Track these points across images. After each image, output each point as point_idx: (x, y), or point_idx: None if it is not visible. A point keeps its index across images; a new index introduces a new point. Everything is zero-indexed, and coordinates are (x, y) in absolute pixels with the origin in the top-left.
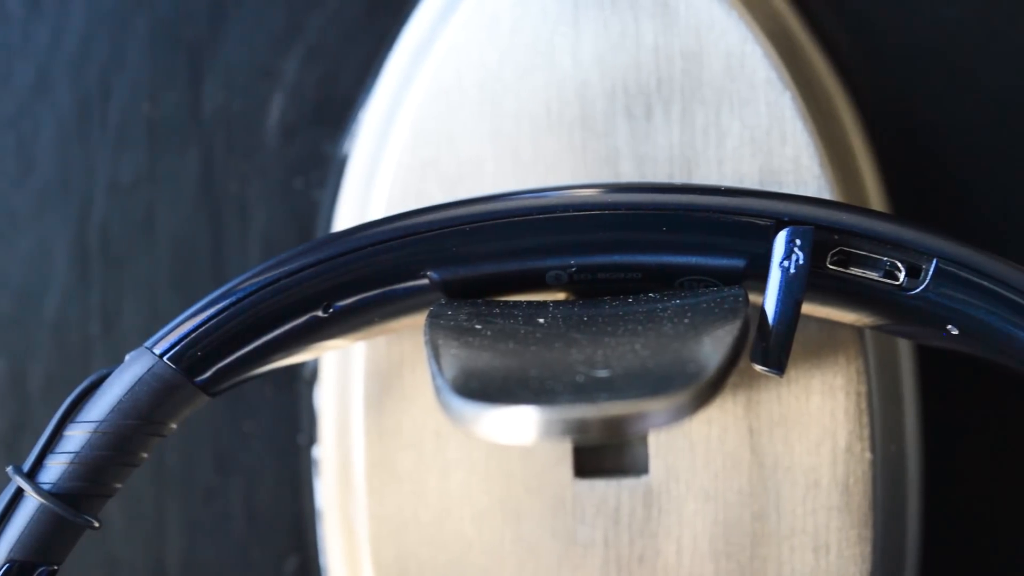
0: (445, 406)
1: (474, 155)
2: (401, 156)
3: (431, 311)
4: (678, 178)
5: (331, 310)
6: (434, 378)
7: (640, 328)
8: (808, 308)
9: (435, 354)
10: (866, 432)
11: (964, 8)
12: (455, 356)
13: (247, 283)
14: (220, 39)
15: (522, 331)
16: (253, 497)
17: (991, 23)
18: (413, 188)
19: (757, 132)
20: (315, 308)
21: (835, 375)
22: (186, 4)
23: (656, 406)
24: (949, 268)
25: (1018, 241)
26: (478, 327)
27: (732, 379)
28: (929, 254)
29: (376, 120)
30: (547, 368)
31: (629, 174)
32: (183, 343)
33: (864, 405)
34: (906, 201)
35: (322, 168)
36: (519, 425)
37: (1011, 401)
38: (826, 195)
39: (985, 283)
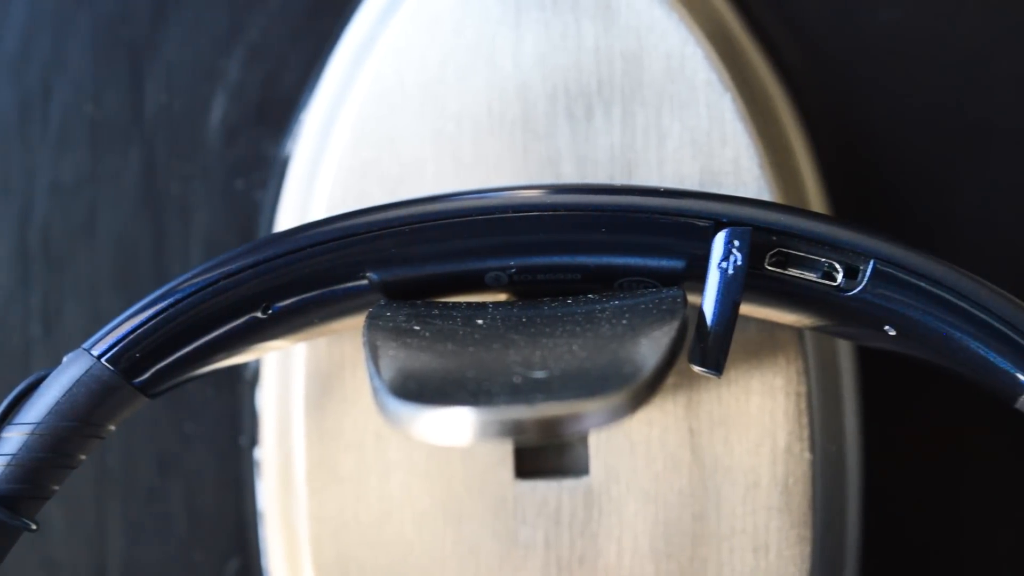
0: (382, 407)
1: (415, 156)
2: (342, 157)
3: (370, 312)
4: (619, 179)
5: (270, 311)
6: (371, 379)
7: (578, 329)
8: (747, 309)
9: (373, 355)
10: (806, 432)
11: (904, 11)
12: (393, 357)
13: (185, 284)
14: (162, 39)
15: (461, 332)
16: (195, 499)
17: (930, 26)
18: (354, 189)
19: (697, 133)
20: (254, 309)
21: (775, 376)
22: (128, 4)
23: (592, 407)
24: (886, 269)
25: (956, 242)
26: (417, 328)
27: (672, 380)
28: (866, 255)
29: (318, 121)
30: (484, 369)
31: (570, 175)
32: (121, 345)
33: (804, 406)
34: (846, 202)
35: (264, 169)
36: (455, 426)
37: (950, 401)
38: (766, 196)
39: (922, 284)
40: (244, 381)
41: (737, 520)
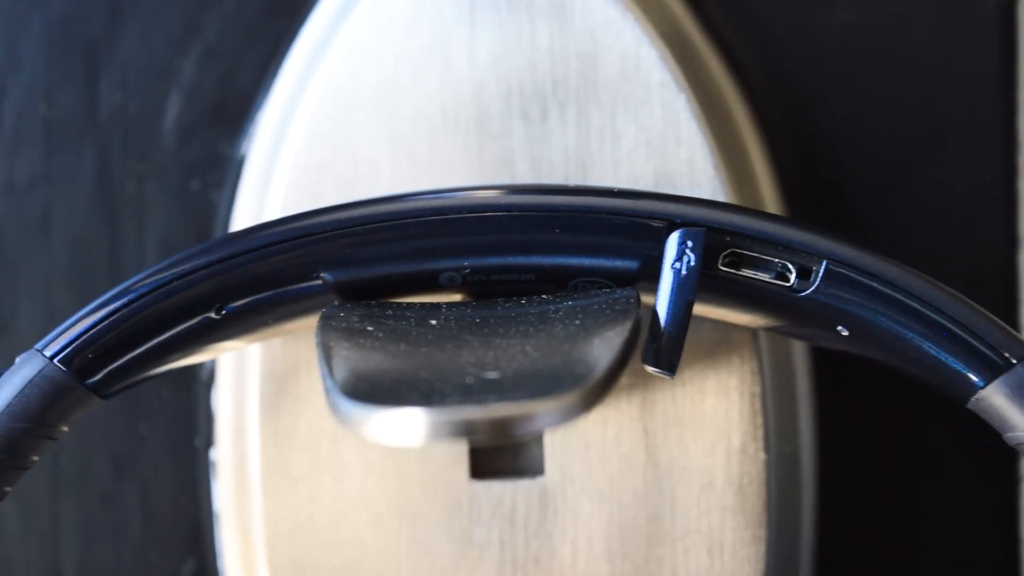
0: (334, 408)
1: (370, 156)
2: (297, 157)
3: (324, 313)
4: (573, 180)
5: (224, 311)
6: (324, 380)
7: (532, 330)
8: (701, 309)
9: (326, 356)
10: (760, 433)
11: (858, 12)
12: (346, 358)
13: (138, 285)
14: (117, 39)
15: (414, 333)
16: (150, 500)
17: (884, 27)
18: (309, 190)
19: (652, 134)
20: (207, 310)
21: (729, 376)
22: (82, 4)
23: (544, 407)
24: (839, 269)
25: (909, 243)
26: (370, 329)
27: (627, 380)
28: (819, 255)
29: (273, 121)
30: (437, 370)
31: (525, 176)
32: (73, 345)
33: (758, 406)
34: (800, 203)
35: (219, 169)
36: (407, 427)
37: (904, 401)
38: (720, 197)
39: (874, 284)
40: (199, 382)
41: (692, 520)
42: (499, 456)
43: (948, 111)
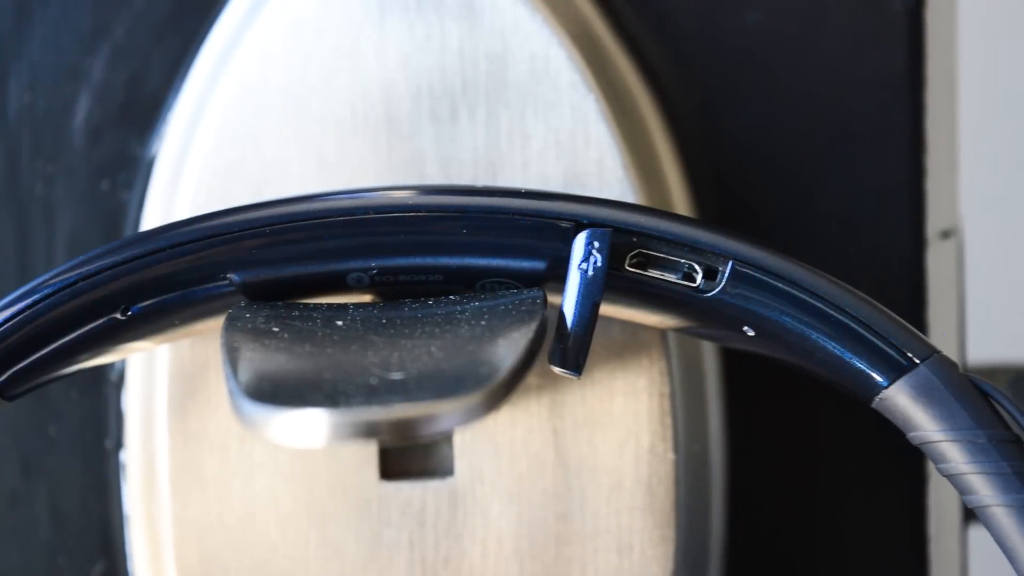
0: (236, 409)
1: (279, 157)
2: (206, 158)
3: (230, 314)
4: (483, 180)
5: (130, 312)
6: (227, 381)
7: (437, 330)
8: (609, 310)
9: (230, 357)
10: (669, 433)
11: (768, 12)
12: (250, 359)
13: (43, 285)
14: (25, 38)
15: (320, 334)
16: (59, 502)
17: (795, 27)
18: (218, 190)
19: (561, 135)
20: (113, 310)
21: (638, 376)
22: None
23: (447, 408)
24: (744, 270)
25: (819, 244)
26: (275, 330)
27: (536, 381)
28: (725, 256)
29: (182, 121)
30: (341, 371)
31: (434, 176)
32: None
33: (667, 406)
34: (710, 203)
35: (129, 169)
36: (309, 428)
37: (813, 401)
38: (629, 197)
39: (779, 284)
40: (109, 383)
41: (601, 520)
42: (409, 457)
43: (857, 112)
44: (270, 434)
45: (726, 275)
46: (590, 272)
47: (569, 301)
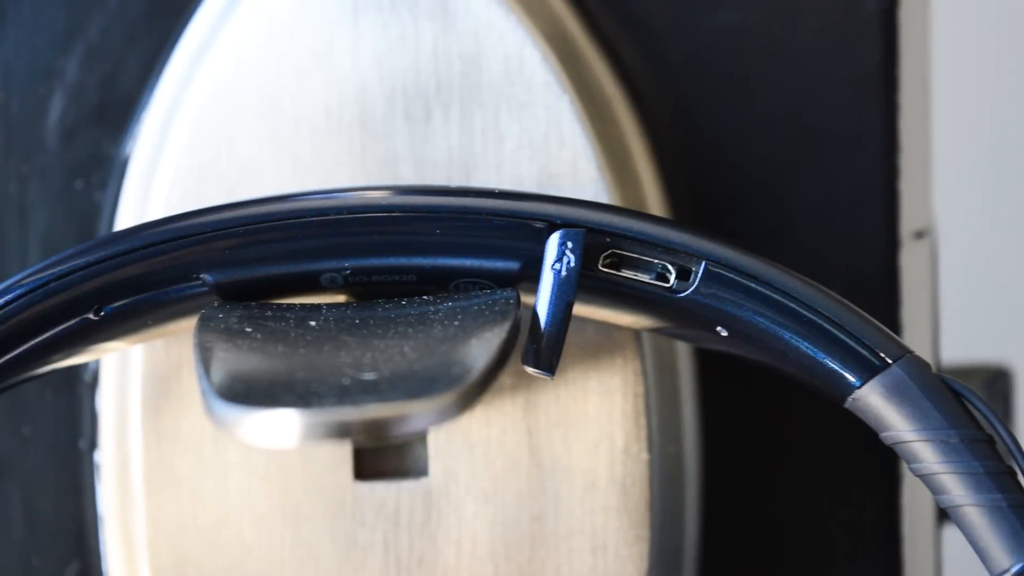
0: (209, 409)
1: (253, 157)
2: (180, 158)
3: (203, 314)
4: (456, 181)
5: (103, 313)
6: (200, 381)
7: (410, 331)
8: (583, 310)
9: (202, 357)
10: (644, 433)
11: (743, 14)
12: (222, 359)
13: (15, 286)
14: None
15: (293, 334)
16: (33, 503)
17: (769, 29)
18: (192, 190)
19: (535, 135)
20: (86, 311)
21: (612, 376)
22: None
23: (419, 408)
24: (717, 270)
25: (791, 244)
26: (248, 330)
27: (510, 381)
28: (698, 256)
29: (156, 122)
30: (314, 371)
31: (408, 177)
32: None
33: (641, 406)
34: (684, 204)
35: (103, 169)
36: (281, 428)
37: (787, 401)
38: (603, 198)
39: (752, 285)
40: (83, 383)
41: (575, 520)
42: (383, 457)
43: (830, 112)
44: (242, 434)
45: (699, 275)
46: (563, 272)
47: (542, 301)
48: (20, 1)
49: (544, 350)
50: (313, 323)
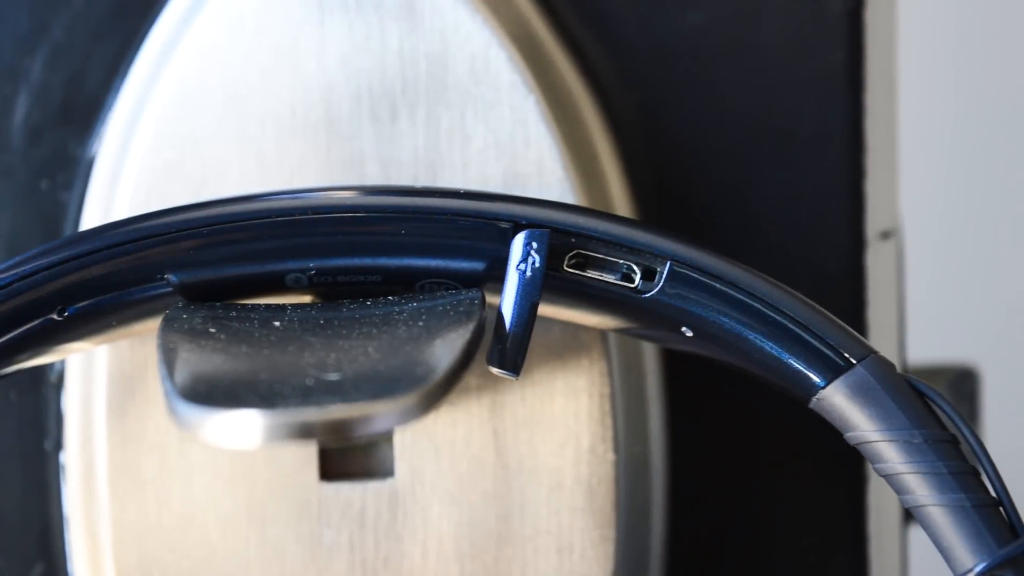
0: (171, 410)
1: (218, 157)
2: (144, 158)
3: (167, 314)
4: (423, 181)
5: (66, 313)
6: (163, 382)
7: (375, 331)
8: (549, 311)
9: (166, 358)
10: (610, 434)
11: (710, 14)
12: (186, 360)
13: None
14: None
15: (257, 335)
16: None
17: (735, 30)
18: (157, 190)
19: (501, 136)
20: (50, 311)
21: (578, 377)
22: None
23: (382, 409)
24: (682, 270)
25: (758, 245)
26: (212, 330)
27: (476, 382)
28: (663, 257)
29: (122, 121)
30: (278, 371)
31: (374, 177)
32: None
33: (607, 407)
34: (650, 204)
35: (69, 169)
36: (243, 429)
37: (753, 401)
38: (569, 199)
39: (716, 285)
40: (49, 383)
41: (541, 521)
42: (349, 458)
43: (797, 113)
44: (205, 435)
45: (664, 276)
46: (528, 273)
47: (507, 302)
48: None
49: (509, 350)
50: (277, 324)
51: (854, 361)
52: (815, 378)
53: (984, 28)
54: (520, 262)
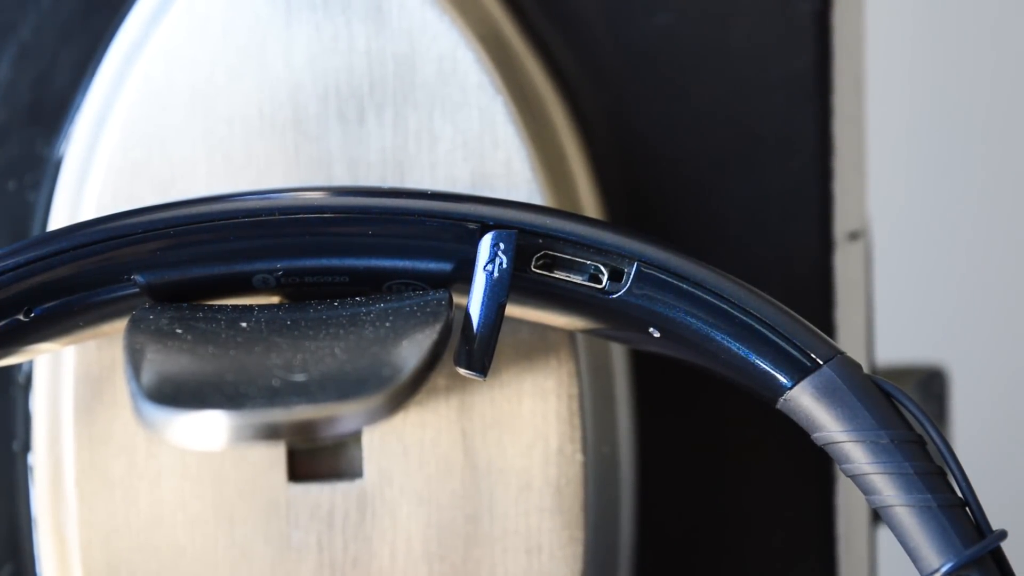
0: (137, 411)
1: (186, 158)
2: (112, 158)
3: (133, 315)
4: (390, 181)
5: (33, 314)
6: (129, 383)
7: (342, 332)
8: (516, 311)
9: (132, 359)
10: (578, 434)
11: (678, 15)
12: (151, 361)
13: None
14: None
15: (223, 335)
16: None
17: (704, 30)
18: (124, 191)
19: (469, 136)
20: (16, 312)
21: (547, 378)
22: None
23: (348, 409)
24: (649, 271)
25: (726, 246)
26: (179, 331)
27: (444, 382)
28: (630, 257)
29: (89, 122)
30: (244, 373)
31: (342, 177)
32: None
33: (576, 407)
34: (618, 205)
35: (36, 170)
36: (209, 430)
37: (722, 402)
38: (537, 199)
39: (683, 286)
40: (16, 384)
41: (510, 521)
42: (317, 459)
43: (764, 114)
44: (171, 436)
45: (631, 276)
46: (495, 273)
47: (475, 303)
48: None
49: (476, 351)
50: (244, 324)
51: (820, 362)
52: (782, 379)
53: (951, 29)
54: (487, 263)
